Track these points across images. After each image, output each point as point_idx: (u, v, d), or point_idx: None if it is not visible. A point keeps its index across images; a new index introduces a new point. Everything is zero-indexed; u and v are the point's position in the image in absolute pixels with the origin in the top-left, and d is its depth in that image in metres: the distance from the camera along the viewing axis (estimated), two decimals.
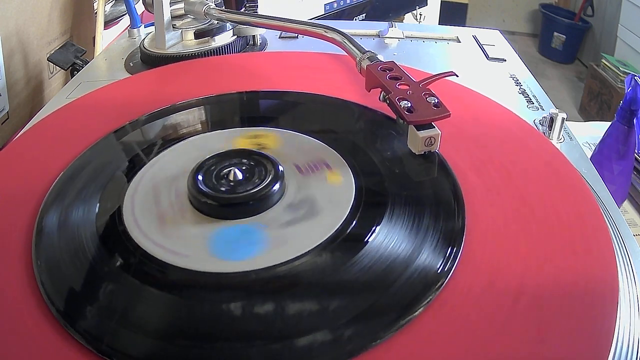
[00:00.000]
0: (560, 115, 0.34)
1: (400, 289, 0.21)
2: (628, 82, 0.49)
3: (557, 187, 0.26)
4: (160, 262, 0.22)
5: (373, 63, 0.33)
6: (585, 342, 0.19)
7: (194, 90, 0.36)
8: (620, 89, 1.62)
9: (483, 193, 0.26)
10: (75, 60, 0.52)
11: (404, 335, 0.19)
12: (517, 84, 0.43)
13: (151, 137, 0.32)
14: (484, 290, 0.21)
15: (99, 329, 0.20)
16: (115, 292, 0.22)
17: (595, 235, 0.24)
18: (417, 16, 0.95)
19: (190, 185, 0.25)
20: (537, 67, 2.23)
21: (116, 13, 0.69)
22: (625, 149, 0.46)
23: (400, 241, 0.23)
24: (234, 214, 0.25)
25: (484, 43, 0.51)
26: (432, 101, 0.28)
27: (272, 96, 0.36)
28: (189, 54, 0.45)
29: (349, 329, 0.19)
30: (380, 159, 0.28)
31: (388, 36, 0.52)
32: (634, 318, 0.22)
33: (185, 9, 0.47)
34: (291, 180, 0.27)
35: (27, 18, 0.53)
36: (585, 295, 0.21)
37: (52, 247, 0.24)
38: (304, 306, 0.21)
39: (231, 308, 0.21)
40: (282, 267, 0.22)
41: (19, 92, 0.53)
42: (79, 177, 0.28)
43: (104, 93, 0.38)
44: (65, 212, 0.26)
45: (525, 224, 0.24)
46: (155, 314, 0.21)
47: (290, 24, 0.41)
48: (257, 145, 0.30)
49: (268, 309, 0.20)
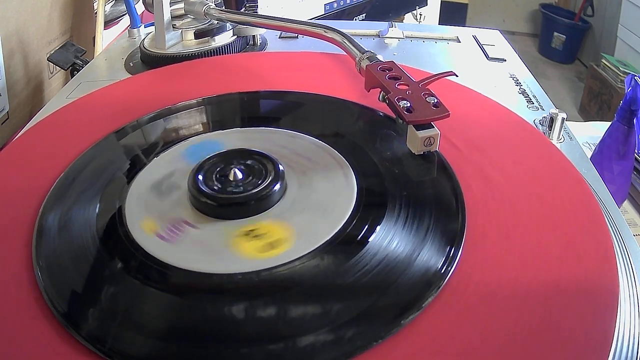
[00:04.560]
0: (560, 115, 0.34)
1: (401, 289, 0.21)
2: (628, 82, 0.49)
3: (557, 187, 0.26)
4: (162, 263, 0.22)
5: (372, 63, 0.33)
6: (585, 342, 0.19)
7: (194, 91, 0.36)
8: (620, 89, 1.62)
9: (483, 193, 0.26)
10: (75, 60, 0.52)
11: (405, 335, 0.19)
12: (517, 84, 0.43)
13: (152, 138, 0.32)
14: (483, 290, 0.21)
15: (99, 329, 0.20)
16: (116, 293, 0.22)
17: (595, 235, 0.24)
18: (417, 16, 0.95)
19: (191, 185, 0.25)
20: (537, 67, 2.23)
21: (116, 13, 0.69)
22: (625, 149, 0.46)
23: (400, 241, 0.23)
24: (235, 214, 0.25)
25: (484, 43, 0.51)
26: (431, 101, 0.28)
27: (272, 96, 0.36)
28: (189, 54, 0.45)
29: (349, 329, 0.19)
30: (380, 159, 0.28)
31: (388, 36, 0.52)
32: (634, 318, 0.22)
33: (185, 9, 0.47)
34: (291, 180, 0.27)
35: (27, 18, 0.53)
36: (585, 295, 0.21)
37: (52, 247, 0.24)
38: (304, 307, 0.21)
39: (232, 309, 0.21)
40: (283, 268, 0.22)
41: (19, 92, 0.53)
42: (79, 178, 0.28)
43: (104, 93, 0.38)
44: (66, 213, 0.26)
45: (525, 224, 0.24)
46: (157, 314, 0.21)
47: (290, 24, 0.41)
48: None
49: (269, 309, 0.20)
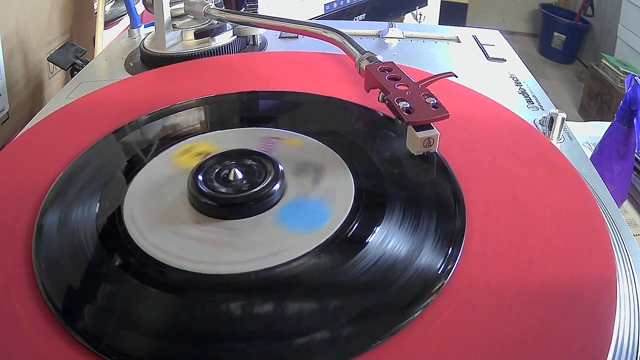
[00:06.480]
0: (560, 115, 0.34)
1: (400, 290, 0.21)
2: (628, 82, 0.49)
3: (557, 187, 0.26)
4: (160, 263, 0.22)
5: (372, 63, 0.33)
6: (585, 342, 0.19)
7: (193, 90, 0.36)
8: (620, 89, 1.62)
9: (483, 193, 0.26)
10: (75, 60, 0.52)
11: (404, 335, 0.19)
12: (517, 84, 0.43)
13: (151, 137, 0.32)
14: (483, 290, 0.21)
15: (98, 328, 0.20)
16: (114, 292, 0.22)
17: (595, 235, 0.24)
18: (417, 16, 0.95)
19: (191, 185, 0.25)
20: (537, 67, 2.23)
21: (116, 13, 0.69)
22: (625, 149, 0.46)
23: (400, 241, 0.23)
24: (235, 214, 0.25)
25: (484, 43, 0.51)
26: (430, 102, 0.28)
27: (272, 96, 0.36)
28: (189, 54, 0.45)
29: (349, 330, 0.19)
30: (379, 159, 0.28)
31: (388, 36, 0.52)
32: (633, 318, 0.22)
33: (185, 9, 0.47)
34: (291, 180, 0.27)
35: (27, 18, 0.53)
36: (585, 295, 0.21)
37: (52, 246, 0.24)
38: (304, 307, 0.21)
39: (231, 308, 0.20)
40: (282, 268, 0.22)
41: (19, 92, 0.53)
42: (79, 177, 0.28)
43: (104, 93, 0.38)
44: (65, 212, 0.26)
45: (525, 224, 0.24)
46: (155, 314, 0.21)
47: (290, 24, 0.41)
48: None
49: (268, 309, 0.20)
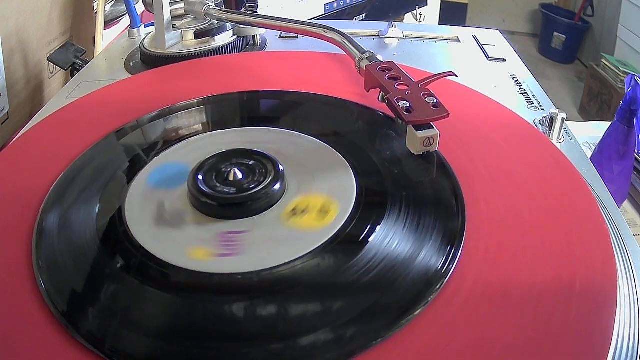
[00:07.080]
0: (560, 115, 0.34)
1: (401, 289, 0.21)
2: (628, 82, 0.49)
3: (557, 187, 0.26)
4: (161, 262, 0.22)
5: (372, 63, 0.33)
6: (585, 342, 0.19)
7: (194, 90, 0.36)
8: (620, 89, 1.62)
9: (483, 193, 0.26)
10: (75, 60, 0.52)
11: (405, 334, 0.19)
12: (517, 84, 0.43)
13: (152, 138, 0.32)
14: (484, 290, 0.21)
15: (100, 329, 0.20)
16: (116, 293, 0.22)
17: (595, 235, 0.24)
18: (417, 16, 0.95)
19: (191, 185, 0.25)
20: (537, 67, 2.23)
21: (116, 13, 0.69)
22: (625, 149, 0.46)
23: (400, 241, 0.23)
24: (235, 214, 0.25)
25: (484, 43, 0.51)
26: (430, 101, 0.28)
27: (272, 96, 0.36)
28: (189, 54, 0.45)
29: (350, 329, 0.19)
30: (380, 159, 0.28)
31: (388, 36, 0.52)
32: (634, 318, 0.22)
33: (185, 9, 0.47)
34: (292, 181, 0.27)
35: (27, 18, 0.53)
36: (585, 295, 0.21)
37: (52, 247, 0.24)
38: (305, 306, 0.21)
39: (233, 308, 0.21)
40: (284, 268, 0.22)
41: (19, 92, 0.53)
42: (79, 177, 0.28)
43: (103, 93, 0.38)
44: (66, 213, 0.26)
45: (525, 224, 0.24)
46: (157, 314, 0.21)
47: (290, 24, 0.41)
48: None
49: (269, 309, 0.20)
